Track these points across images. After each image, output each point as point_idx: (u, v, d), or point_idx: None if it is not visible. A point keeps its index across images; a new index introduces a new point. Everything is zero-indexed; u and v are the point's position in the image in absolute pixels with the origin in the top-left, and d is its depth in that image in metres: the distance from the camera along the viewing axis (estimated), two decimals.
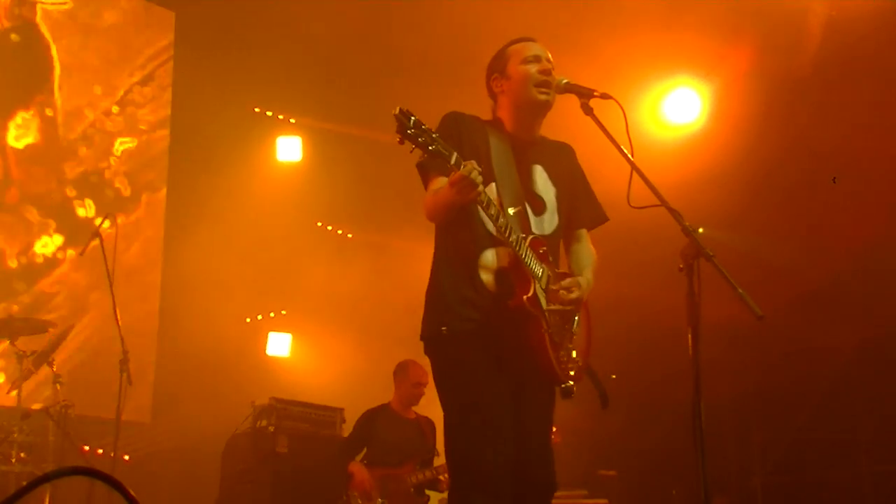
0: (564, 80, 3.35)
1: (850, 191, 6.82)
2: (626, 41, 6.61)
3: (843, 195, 6.85)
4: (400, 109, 2.92)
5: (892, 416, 7.35)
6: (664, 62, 7.00)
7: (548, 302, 3.25)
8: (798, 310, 7.16)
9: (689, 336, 2.82)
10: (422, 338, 3.40)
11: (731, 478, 8.22)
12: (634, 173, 3.10)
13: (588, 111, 3.24)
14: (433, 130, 3.00)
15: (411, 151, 2.99)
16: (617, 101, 3.19)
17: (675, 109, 7.34)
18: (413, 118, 2.94)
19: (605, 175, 3.65)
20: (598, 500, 6.93)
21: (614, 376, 3.67)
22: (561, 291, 3.28)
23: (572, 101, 3.32)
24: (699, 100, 7.29)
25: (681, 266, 2.86)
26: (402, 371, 6.72)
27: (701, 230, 3.00)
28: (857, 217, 6.91)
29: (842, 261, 7.15)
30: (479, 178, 3.01)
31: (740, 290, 2.76)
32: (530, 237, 3.29)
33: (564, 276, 3.37)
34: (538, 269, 3.25)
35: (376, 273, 8.67)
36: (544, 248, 3.33)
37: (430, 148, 2.97)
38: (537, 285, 3.23)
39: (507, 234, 3.16)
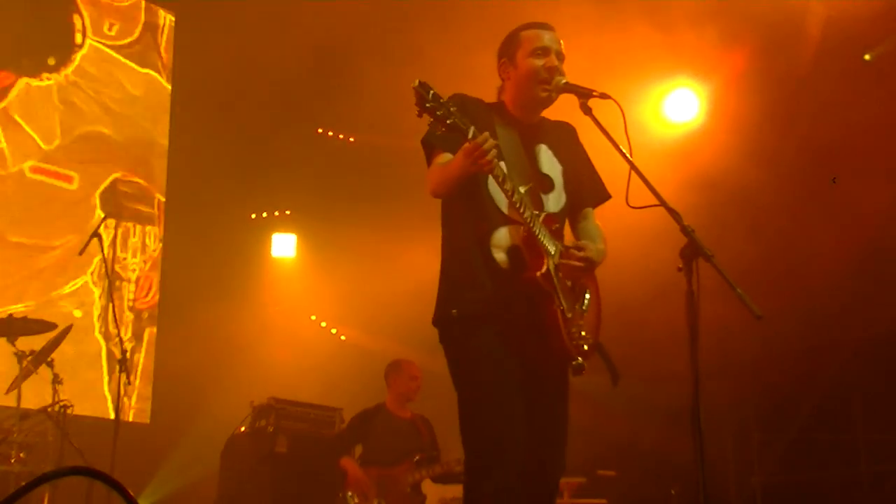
0: (563, 80, 3.36)
1: (850, 191, 6.81)
2: (625, 41, 6.60)
3: (843, 195, 6.84)
4: (419, 82, 2.92)
5: (892, 416, 7.34)
6: (663, 62, 7.00)
7: (559, 269, 3.24)
8: (798, 310, 7.14)
9: (688, 336, 2.82)
10: (434, 323, 3.38)
11: (731, 478, 8.20)
12: (633, 173, 3.10)
13: (587, 111, 3.25)
14: (451, 104, 2.99)
15: (429, 124, 2.98)
16: (616, 101, 3.19)
17: (675, 110, 7.35)
18: (432, 91, 2.94)
19: (603, 175, 3.65)
20: (598, 500, 6.92)
21: None
22: (571, 250, 3.30)
23: (572, 100, 3.32)
24: (698, 100, 7.29)
25: (680, 266, 2.87)
26: (395, 369, 6.70)
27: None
28: (857, 217, 6.89)
29: (842, 260, 7.13)
30: (493, 147, 3.01)
31: (739, 291, 2.77)
32: (543, 214, 3.30)
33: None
34: (552, 247, 3.26)
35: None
36: (557, 226, 3.36)
37: (447, 121, 2.96)
38: (550, 262, 3.23)
39: (521, 210, 3.17)
